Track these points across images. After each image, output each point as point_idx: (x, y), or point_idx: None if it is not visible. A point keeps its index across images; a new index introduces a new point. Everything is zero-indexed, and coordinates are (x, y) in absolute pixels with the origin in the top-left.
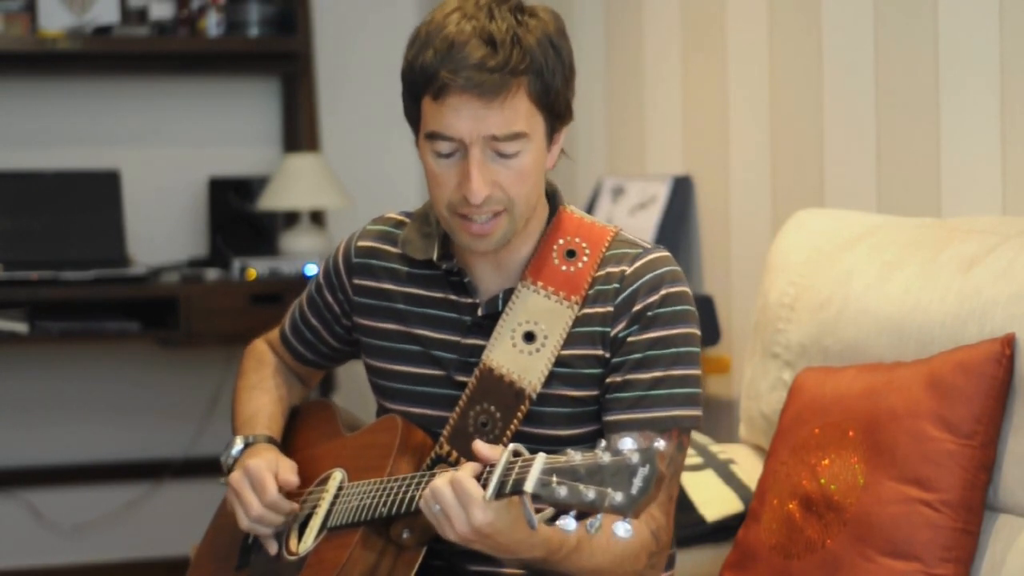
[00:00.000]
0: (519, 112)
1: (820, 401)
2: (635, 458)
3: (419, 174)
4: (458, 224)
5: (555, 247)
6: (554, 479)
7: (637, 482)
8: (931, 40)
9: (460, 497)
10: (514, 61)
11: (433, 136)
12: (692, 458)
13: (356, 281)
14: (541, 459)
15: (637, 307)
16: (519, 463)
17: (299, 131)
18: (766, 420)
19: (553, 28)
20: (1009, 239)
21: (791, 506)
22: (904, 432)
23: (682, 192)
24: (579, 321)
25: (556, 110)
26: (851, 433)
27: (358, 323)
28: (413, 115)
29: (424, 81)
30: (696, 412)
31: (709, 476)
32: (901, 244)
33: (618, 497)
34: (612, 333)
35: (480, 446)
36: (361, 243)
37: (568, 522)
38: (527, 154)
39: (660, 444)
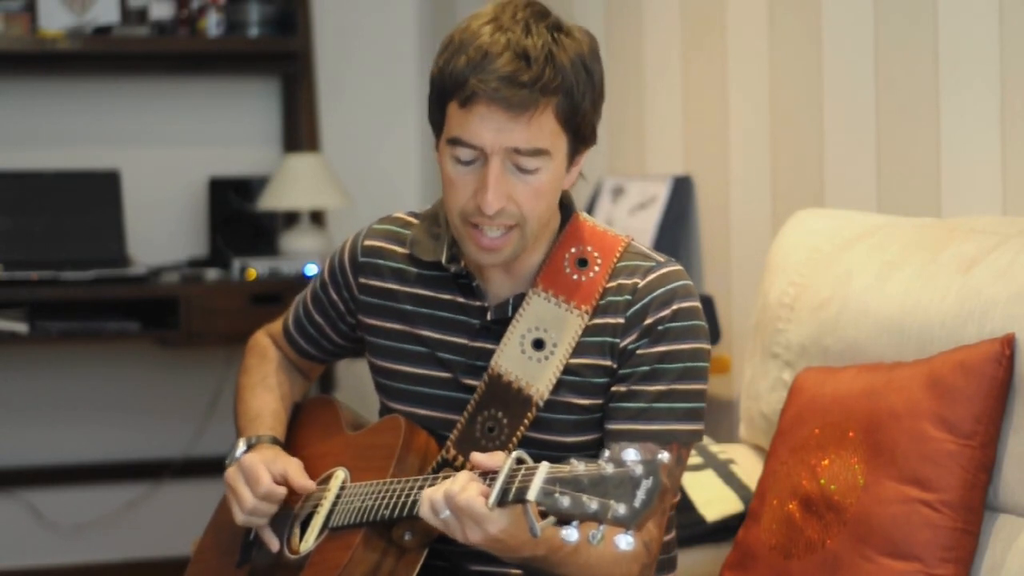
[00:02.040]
0: (544, 130)
1: (820, 401)
2: (639, 470)
3: (419, 174)
4: (468, 234)
5: (567, 255)
6: (557, 489)
7: (640, 494)
8: (931, 40)
9: (465, 511)
10: (546, 79)
11: (455, 142)
12: (692, 458)
13: (362, 280)
14: (544, 468)
15: (648, 321)
16: (522, 471)
17: (299, 131)
18: (766, 420)
19: (588, 50)
20: (1009, 239)
21: (791, 506)
22: (904, 432)
23: (682, 192)
24: (589, 331)
25: (581, 133)
26: (851, 433)
27: (363, 322)
28: (437, 119)
29: (453, 87)
30: (697, 427)
31: (709, 476)
32: (901, 244)
33: (621, 509)
34: (622, 345)
35: (477, 456)
36: (368, 242)
37: (570, 532)
38: (546, 172)
39: (664, 456)
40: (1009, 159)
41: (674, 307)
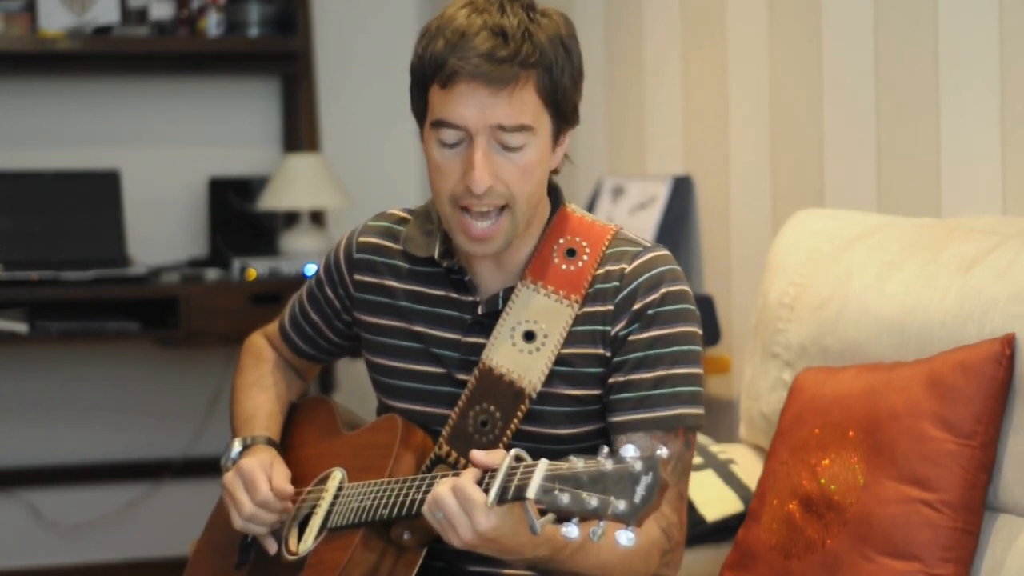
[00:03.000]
0: (526, 105)
1: (820, 401)
2: (638, 466)
3: (419, 174)
4: (459, 223)
5: (555, 246)
6: (556, 486)
7: (640, 490)
8: (931, 40)
9: (463, 504)
10: (524, 53)
11: (439, 124)
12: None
13: (357, 277)
14: (543, 465)
15: (637, 305)
16: (521, 469)
17: (299, 131)
18: (766, 420)
19: (564, 30)
20: (1009, 239)
21: (791, 506)
22: (904, 432)
23: (682, 192)
24: (579, 320)
25: (563, 110)
26: (851, 433)
27: (358, 319)
28: (419, 107)
29: (433, 70)
30: (700, 410)
31: (709, 476)
32: (901, 244)
33: (621, 505)
34: (613, 332)
35: (477, 455)
36: (362, 239)
37: (570, 529)
38: (532, 149)
39: (663, 452)
40: (1009, 159)
41: (662, 291)
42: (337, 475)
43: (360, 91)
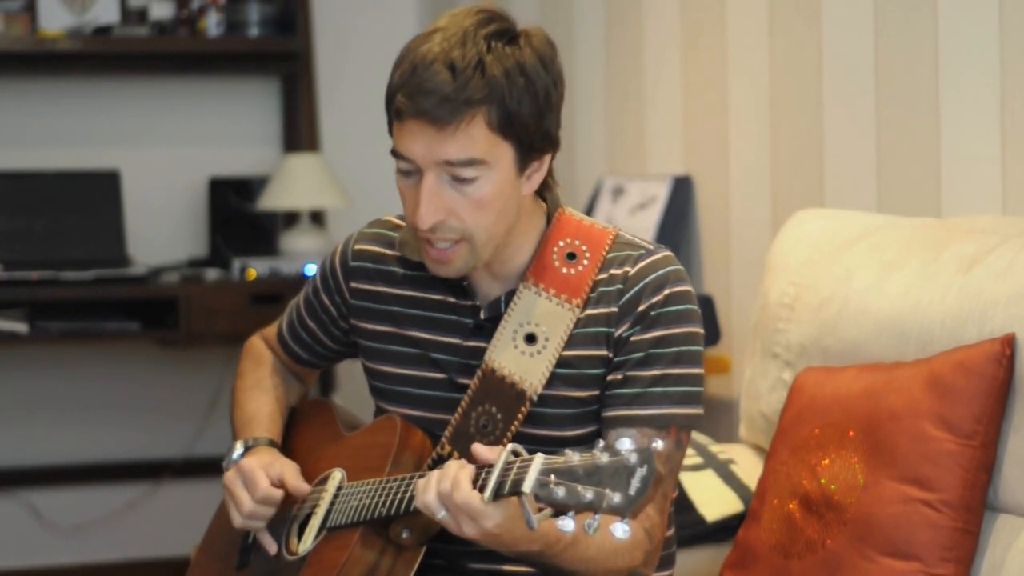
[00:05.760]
0: (476, 140)
1: (820, 401)
2: (633, 458)
3: None
4: (422, 246)
5: (555, 249)
6: (552, 479)
7: (635, 483)
8: (931, 40)
9: (462, 506)
10: (470, 90)
11: (395, 154)
12: (692, 458)
13: (353, 284)
14: (539, 459)
15: (641, 307)
16: (517, 463)
17: (299, 131)
18: (766, 420)
19: (531, 59)
20: (1009, 239)
21: (791, 506)
22: (904, 432)
23: (682, 192)
24: (581, 322)
25: (526, 140)
26: (851, 433)
27: (356, 326)
28: (389, 131)
29: (388, 101)
30: (695, 410)
31: (709, 476)
32: (901, 244)
33: (616, 498)
34: (616, 333)
35: (479, 448)
36: (358, 246)
37: (566, 523)
38: (486, 182)
39: (658, 444)
40: (1009, 159)
41: (666, 292)
42: (337, 475)
43: (360, 91)
